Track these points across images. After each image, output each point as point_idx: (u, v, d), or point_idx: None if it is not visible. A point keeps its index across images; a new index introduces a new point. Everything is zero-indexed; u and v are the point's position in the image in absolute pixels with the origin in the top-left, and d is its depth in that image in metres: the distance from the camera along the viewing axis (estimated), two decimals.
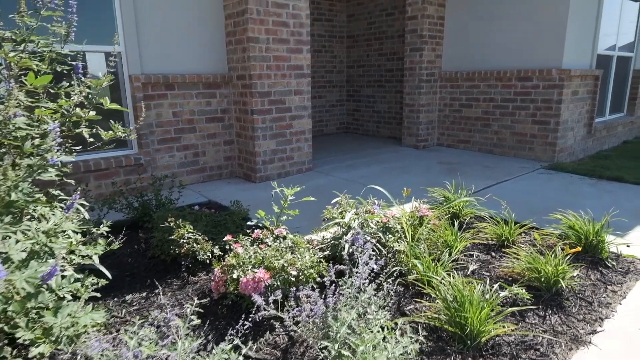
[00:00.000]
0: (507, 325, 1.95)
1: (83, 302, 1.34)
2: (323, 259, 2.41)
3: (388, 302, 2.08)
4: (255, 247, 2.25)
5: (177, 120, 4.43)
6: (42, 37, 1.69)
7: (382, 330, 1.67)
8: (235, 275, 2.03)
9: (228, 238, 2.47)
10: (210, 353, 1.46)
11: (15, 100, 1.42)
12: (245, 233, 2.68)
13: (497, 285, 2.17)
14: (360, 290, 1.75)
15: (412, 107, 6.46)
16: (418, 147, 6.50)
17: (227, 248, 2.52)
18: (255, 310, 1.60)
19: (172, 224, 2.55)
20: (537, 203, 3.80)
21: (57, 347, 1.17)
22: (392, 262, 2.43)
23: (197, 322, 1.41)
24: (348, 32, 8.06)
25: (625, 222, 3.23)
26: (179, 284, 2.42)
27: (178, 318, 1.47)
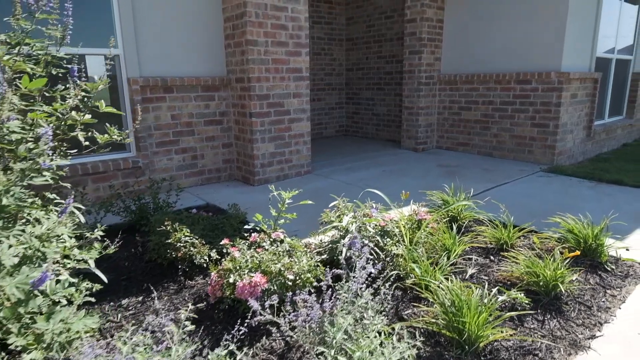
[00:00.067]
0: (505, 330, 1.93)
1: (76, 307, 1.32)
2: (321, 263, 2.40)
3: (385, 306, 2.06)
4: (252, 251, 2.24)
5: (175, 123, 4.43)
6: (37, 40, 1.68)
7: (379, 336, 1.66)
8: (232, 280, 2.01)
9: (225, 242, 2.45)
10: (206, 359, 1.45)
11: (9, 104, 1.41)
12: (243, 237, 2.67)
13: (495, 290, 2.16)
14: (357, 295, 1.73)
15: (411, 109, 6.45)
16: (417, 149, 6.49)
17: (224, 252, 2.51)
18: (251, 315, 1.58)
19: (168, 228, 2.53)
20: (536, 206, 3.79)
21: (48, 353, 1.16)
22: (390, 266, 2.42)
23: (191, 327, 1.40)
24: (347, 34, 8.07)
25: (625, 225, 3.22)
26: (176, 288, 2.41)
27: (173, 323, 1.46)
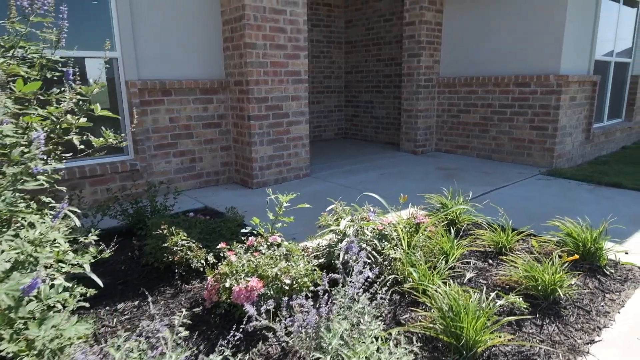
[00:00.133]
0: (503, 335, 1.92)
1: (68, 313, 1.31)
2: (318, 267, 2.39)
3: (382, 311, 2.05)
4: (249, 255, 2.22)
5: (173, 126, 4.42)
6: (32, 43, 1.67)
7: (376, 341, 1.65)
8: (228, 284, 2.00)
9: (222, 246, 2.44)
10: None
11: (3, 107, 1.40)
12: (240, 240, 2.65)
13: (494, 294, 2.14)
14: (354, 300, 1.72)
15: (410, 112, 6.45)
16: (416, 152, 6.49)
17: (221, 256, 2.49)
18: (247, 321, 1.57)
19: (165, 232, 2.52)
20: (535, 209, 3.77)
21: None
22: (387, 270, 2.41)
23: (185, 333, 1.38)
24: (346, 38, 8.07)
25: (624, 229, 3.20)
26: (172, 292, 2.39)
27: (167, 329, 1.44)
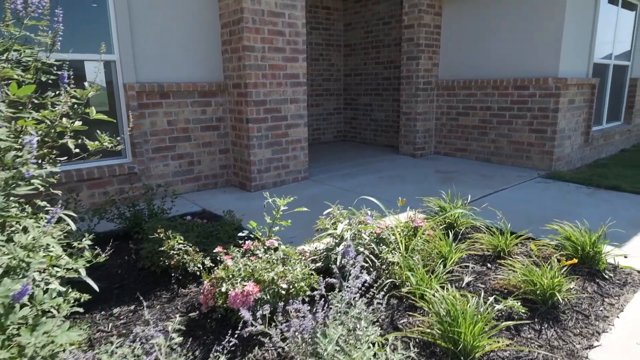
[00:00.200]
0: (501, 340, 1.90)
1: (61, 319, 1.30)
2: (315, 271, 2.37)
3: (379, 316, 2.03)
4: (246, 259, 2.21)
5: (172, 129, 4.41)
6: (27, 46, 1.67)
7: (372, 346, 1.63)
8: (224, 289, 1.98)
9: (219, 249, 2.42)
10: None
11: None
12: (237, 244, 2.64)
13: (492, 299, 2.13)
14: (351, 305, 1.70)
15: (409, 115, 6.45)
16: (415, 155, 6.48)
17: (218, 259, 2.48)
18: (242, 326, 1.55)
19: (161, 235, 2.50)
20: (534, 212, 3.76)
21: None
22: (385, 274, 2.39)
23: (178, 340, 1.37)
24: (345, 40, 8.08)
25: (623, 232, 3.19)
26: (169, 297, 2.38)
27: (162, 335, 1.43)
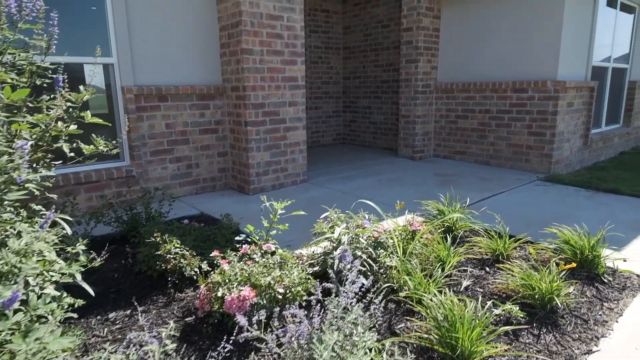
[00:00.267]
0: (499, 346, 1.89)
1: (55, 324, 1.28)
2: (313, 275, 2.36)
3: (376, 321, 2.02)
4: (242, 263, 2.20)
5: (170, 132, 4.40)
6: (21, 49, 1.66)
7: (369, 352, 1.62)
8: (220, 294, 1.97)
9: (215, 254, 2.41)
10: None
11: None
12: (234, 248, 2.62)
13: (490, 303, 2.11)
14: (347, 310, 1.69)
15: (407, 118, 6.44)
16: (414, 158, 6.47)
17: (215, 263, 2.47)
18: (237, 332, 1.54)
19: (158, 239, 2.49)
20: (533, 215, 3.75)
21: None
22: (383, 278, 2.38)
23: (172, 346, 1.35)
24: (344, 43, 8.08)
25: (622, 236, 3.18)
26: (165, 301, 2.36)
27: (156, 341, 1.42)
